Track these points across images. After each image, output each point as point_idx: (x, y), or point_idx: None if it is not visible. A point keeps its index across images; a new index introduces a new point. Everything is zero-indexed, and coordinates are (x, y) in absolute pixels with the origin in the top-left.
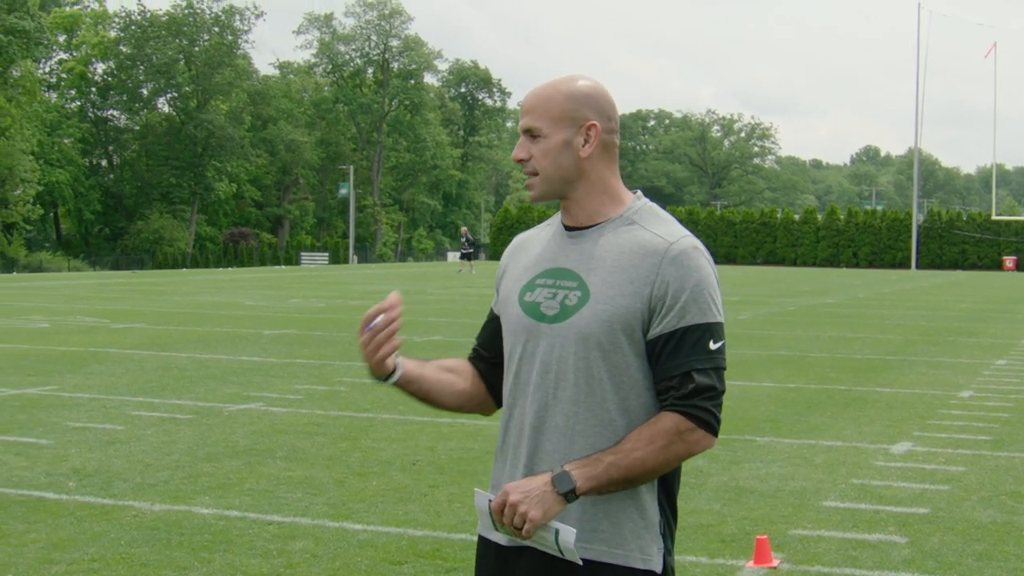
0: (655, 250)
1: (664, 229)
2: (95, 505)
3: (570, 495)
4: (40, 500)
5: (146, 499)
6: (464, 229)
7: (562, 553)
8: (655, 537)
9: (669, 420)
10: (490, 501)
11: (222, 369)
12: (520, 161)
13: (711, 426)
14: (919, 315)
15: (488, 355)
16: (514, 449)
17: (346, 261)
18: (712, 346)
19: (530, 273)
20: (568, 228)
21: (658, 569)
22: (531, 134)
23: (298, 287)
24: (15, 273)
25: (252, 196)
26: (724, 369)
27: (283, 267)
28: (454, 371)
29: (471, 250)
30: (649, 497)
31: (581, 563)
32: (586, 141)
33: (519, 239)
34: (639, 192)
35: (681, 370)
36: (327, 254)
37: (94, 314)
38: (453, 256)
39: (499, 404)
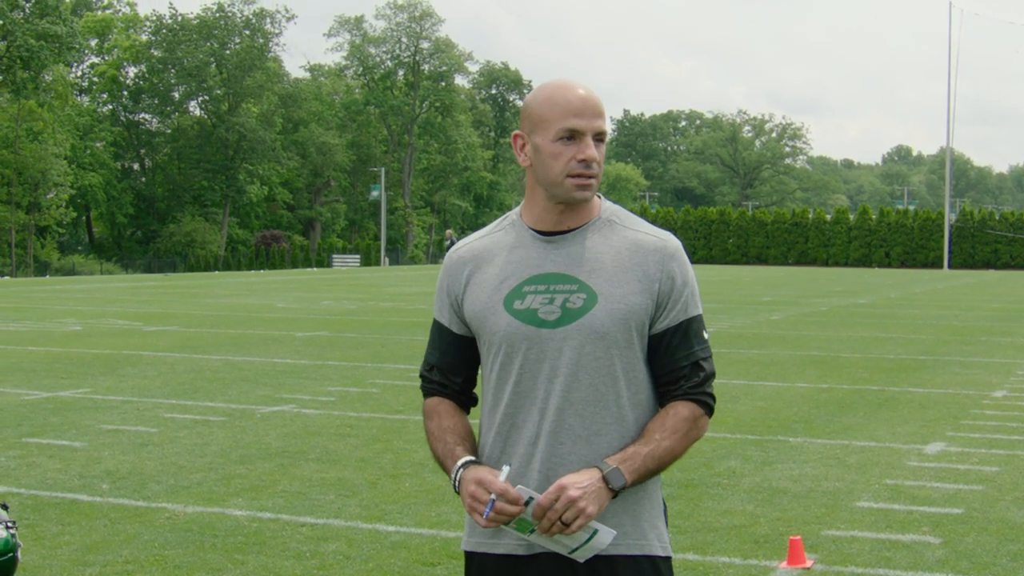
0: (655, 248)
1: (649, 228)
2: (128, 507)
3: (620, 491)
4: (74, 502)
5: (179, 501)
6: (449, 232)
7: (575, 552)
8: (665, 524)
9: (687, 409)
10: (528, 500)
11: (255, 371)
12: (591, 162)
13: (713, 411)
14: (952, 315)
15: (458, 379)
16: (524, 457)
17: (377, 263)
18: (706, 335)
19: (511, 282)
20: (545, 233)
21: (672, 554)
22: (600, 137)
23: (330, 289)
24: (48, 276)
25: (283, 199)
26: None
27: (315, 269)
28: (456, 421)
29: None
30: (654, 486)
31: (583, 562)
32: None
33: (471, 249)
34: (599, 194)
35: (690, 360)
36: (359, 256)
37: (127, 317)
38: None
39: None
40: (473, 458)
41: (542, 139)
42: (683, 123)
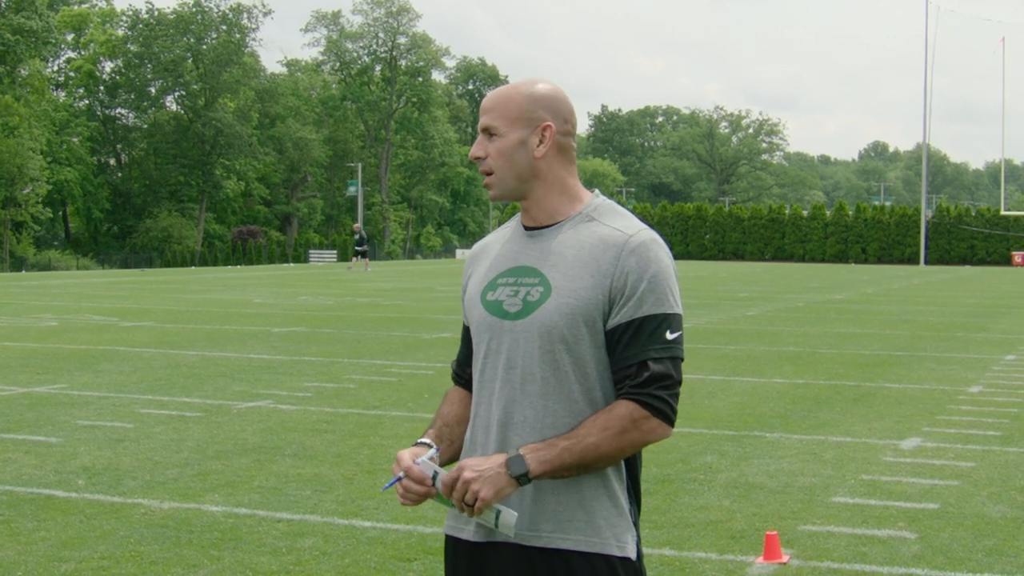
0: (614, 243)
1: (622, 223)
2: (104, 503)
3: (523, 478)
4: (49, 498)
5: (155, 497)
6: (357, 226)
7: (496, 530)
8: (628, 525)
9: (624, 407)
10: (435, 474)
11: (231, 367)
12: (476, 159)
13: (666, 415)
14: (928, 311)
15: (470, 369)
16: (482, 446)
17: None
18: (669, 336)
19: (491, 274)
20: (528, 228)
21: (633, 556)
22: (488, 133)
23: (307, 285)
24: (24, 272)
25: (260, 194)
26: (681, 359)
27: (291, 265)
28: (453, 408)
29: (364, 247)
30: (619, 485)
31: (513, 537)
32: (540, 141)
33: (478, 246)
34: (597, 191)
35: (637, 359)
36: (336, 252)
37: (103, 312)
38: (462, 253)
39: None
40: (427, 441)
41: None
42: (660, 119)
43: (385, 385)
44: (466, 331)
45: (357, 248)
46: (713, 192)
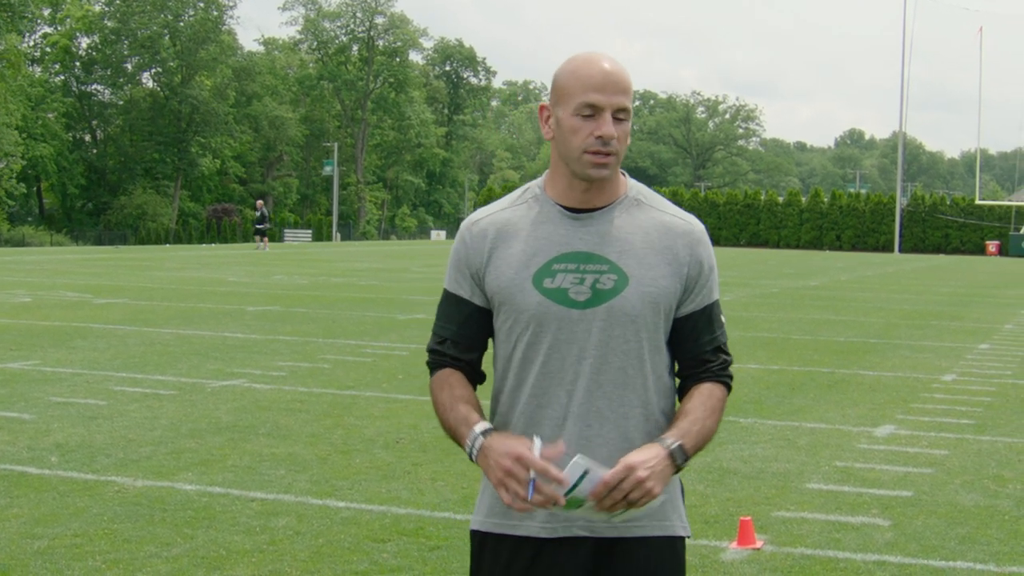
0: (684, 231)
1: (677, 210)
2: (77, 480)
3: (680, 468)
4: (22, 475)
5: (129, 474)
6: (259, 202)
7: (615, 518)
8: (684, 504)
9: (719, 391)
10: (582, 475)
11: (205, 345)
12: (609, 139)
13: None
14: (902, 299)
15: (474, 354)
16: (550, 439)
17: (329, 238)
18: (723, 319)
19: (540, 258)
20: (571, 210)
21: (690, 534)
22: (620, 115)
23: (281, 264)
24: None
25: (236, 172)
26: None
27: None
28: (470, 392)
29: (265, 225)
30: None
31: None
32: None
33: (494, 221)
34: (624, 171)
35: (713, 344)
36: (310, 231)
37: (77, 289)
38: (437, 235)
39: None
40: (491, 425)
41: (564, 112)
42: (637, 103)
43: (359, 365)
44: (475, 310)
45: (258, 226)
46: (689, 177)
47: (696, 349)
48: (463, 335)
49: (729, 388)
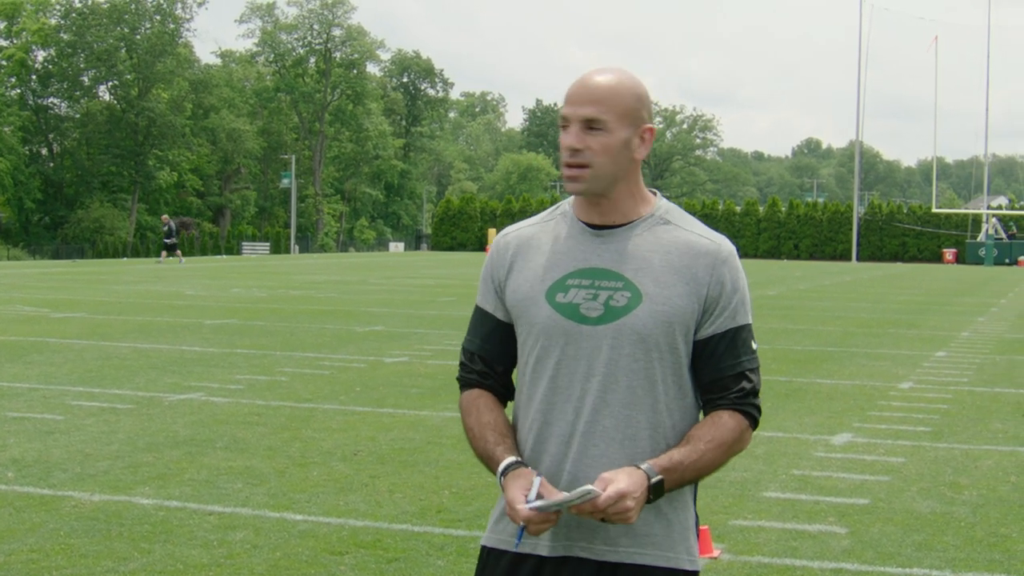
0: (706, 251)
1: (702, 229)
2: (34, 495)
3: (651, 501)
4: None
5: (86, 489)
6: (164, 217)
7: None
8: (695, 537)
9: (733, 420)
10: (558, 500)
11: (162, 359)
12: (573, 151)
13: (758, 424)
14: (859, 307)
15: (500, 368)
16: (555, 456)
17: (287, 251)
18: (754, 345)
19: (555, 273)
20: (593, 226)
21: (700, 568)
22: (591, 125)
23: (239, 277)
24: None
25: (193, 185)
26: None
27: (224, 257)
28: (499, 416)
29: (173, 239)
30: (690, 497)
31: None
32: (641, 143)
33: (519, 235)
34: (659, 192)
35: (735, 370)
36: (268, 244)
37: (34, 303)
38: (395, 247)
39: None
40: (514, 459)
41: None
42: None
43: (317, 378)
44: (498, 325)
45: (166, 241)
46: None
47: (715, 374)
48: (487, 349)
49: (752, 419)
